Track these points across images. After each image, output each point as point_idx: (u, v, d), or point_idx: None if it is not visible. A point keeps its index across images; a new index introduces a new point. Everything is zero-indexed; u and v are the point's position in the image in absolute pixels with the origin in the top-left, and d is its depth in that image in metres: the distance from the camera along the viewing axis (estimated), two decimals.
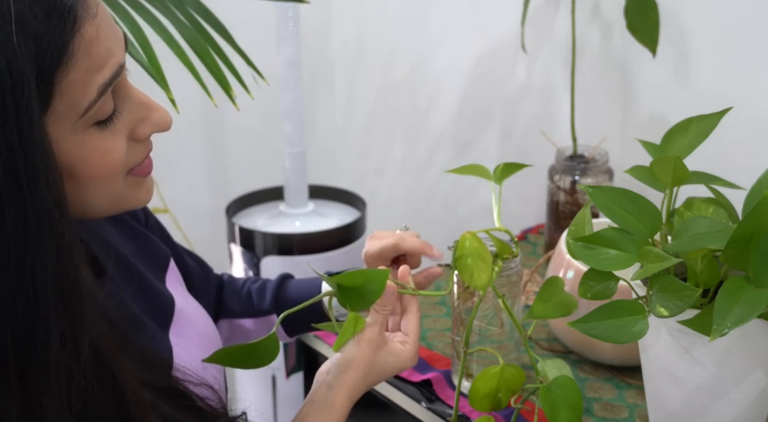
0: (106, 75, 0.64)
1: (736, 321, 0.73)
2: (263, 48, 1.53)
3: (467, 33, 1.73)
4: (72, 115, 0.63)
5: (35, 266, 0.59)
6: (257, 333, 1.06)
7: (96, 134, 0.65)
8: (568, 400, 0.91)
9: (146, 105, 0.70)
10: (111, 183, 0.68)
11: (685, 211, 0.91)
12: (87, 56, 0.62)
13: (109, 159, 0.66)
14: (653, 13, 1.27)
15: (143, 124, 0.70)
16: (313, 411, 0.84)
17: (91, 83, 0.63)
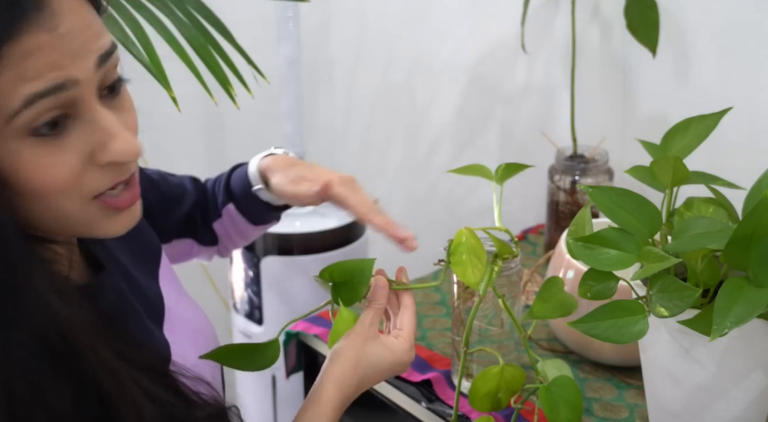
0: (38, 87, 0.61)
1: (736, 321, 0.73)
2: (263, 47, 1.53)
3: (467, 33, 1.73)
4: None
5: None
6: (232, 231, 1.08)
7: (33, 146, 0.63)
8: (568, 400, 0.91)
9: (108, 131, 0.66)
10: (63, 203, 0.65)
11: (685, 211, 0.91)
12: (18, 66, 0.60)
13: (50, 175, 0.63)
14: (653, 13, 1.27)
15: (101, 150, 0.66)
16: (305, 406, 0.84)
17: (17, 92, 0.60)
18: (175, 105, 1.20)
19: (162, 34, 1.21)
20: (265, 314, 1.68)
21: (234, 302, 1.77)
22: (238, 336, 1.76)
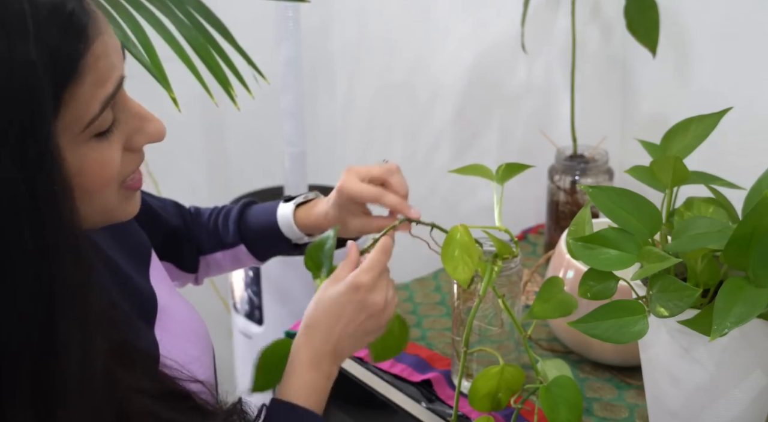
0: (109, 89, 0.65)
1: (736, 321, 0.74)
2: (263, 48, 1.53)
3: (467, 33, 1.73)
4: (75, 128, 0.63)
5: (54, 280, 0.59)
6: (231, 262, 1.11)
7: (95, 146, 0.66)
8: (568, 400, 0.91)
9: (142, 116, 0.70)
10: (105, 195, 0.69)
11: (685, 211, 0.91)
12: (94, 72, 0.63)
13: (107, 170, 0.67)
14: (653, 13, 1.27)
15: (138, 134, 0.70)
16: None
17: (96, 97, 0.64)
18: (176, 105, 1.20)
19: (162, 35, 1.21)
20: (265, 314, 1.68)
21: (234, 302, 1.77)
22: (238, 336, 1.76)
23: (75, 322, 0.61)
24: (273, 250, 1.10)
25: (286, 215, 1.05)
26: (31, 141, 0.58)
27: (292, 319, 1.39)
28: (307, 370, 0.86)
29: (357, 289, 0.88)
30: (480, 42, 1.70)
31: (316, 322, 0.88)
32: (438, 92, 1.83)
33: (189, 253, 1.09)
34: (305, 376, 0.86)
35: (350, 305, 0.88)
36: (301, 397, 0.85)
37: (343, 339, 0.88)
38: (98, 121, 0.65)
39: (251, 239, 1.09)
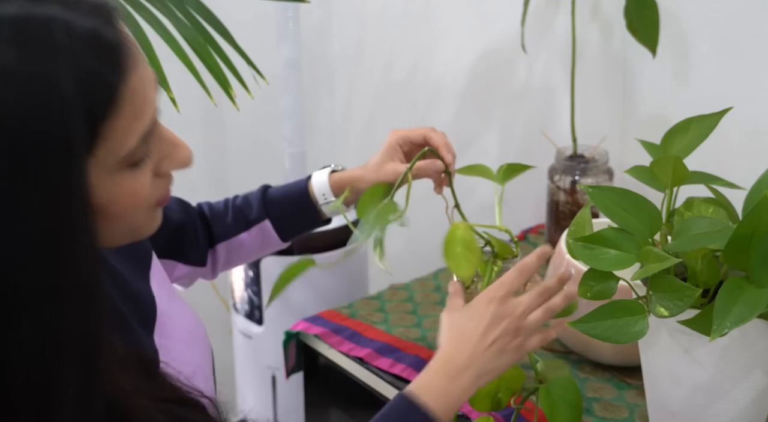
0: (146, 122, 0.65)
1: (736, 321, 0.74)
2: (263, 48, 1.53)
3: (467, 33, 1.73)
4: (110, 160, 0.63)
5: (63, 317, 0.59)
6: (253, 243, 1.12)
7: (128, 175, 0.66)
8: (567, 400, 0.91)
9: (172, 143, 0.71)
10: (133, 218, 0.69)
11: (685, 211, 0.91)
12: (131, 105, 0.63)
13: (138, 197, 0.67)
14: (653, 13, 1.27)
15: (167, 160, 0.70)
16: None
17: (133, 131, 0.63)
18: (174, 106, 1.20)
19: (161, 35, 1.21)
20: (265, 314, 1.68)
21: (234, 302, 1.77)
22: (238, 336, 1.76)
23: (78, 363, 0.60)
24: (297, 220, 1.12)
25: (320, 177, 1.10)
26: (61, 181, 0.58)
27: (292, 319, 1.39)
28: (442, 377, 0.85)
29: (489, 302, 0.87)
30: (480, 42, 1.70)
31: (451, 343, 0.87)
32: (438, 92, 1.83)
33: (196, 247, 1.10)
34: (440, 382, 0.85)
35: (484, 320, 0.86)
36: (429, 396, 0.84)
37: (482, 352, 0.86)
38: (135, 155, 0.65)
39: (276, 213, 1.11)
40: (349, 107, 2.10)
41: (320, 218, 1.12)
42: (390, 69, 1.94)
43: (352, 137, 2.12)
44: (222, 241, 1.11)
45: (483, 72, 1.72)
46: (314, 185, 1.10)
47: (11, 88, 0.56)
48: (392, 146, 1.07)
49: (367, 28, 1.98)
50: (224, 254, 1.13)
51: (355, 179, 1.08)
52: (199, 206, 1.13)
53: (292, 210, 1.11)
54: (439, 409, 0.83)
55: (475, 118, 1.78)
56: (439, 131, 1.05)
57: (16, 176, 0.56)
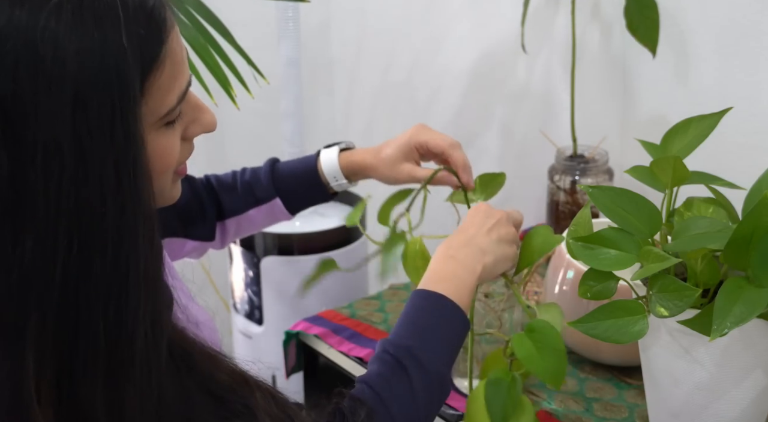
0: (183, 83, 0.68)
1: (735, 321, 0.74)
2: (263, 48, 1.53)
3: (467, 33, 1.73)
4: (151, 118, 0.66)
5: (129, 259, 0.62)
6: (263, 218, 1.14)
7: (163, 134, 0.68)
8: (545, 344, 0.85)
9: (199, 107, 0.74)
10: (162, 180, 0.71)
11: (685, 211, 0.91)
12: (171, 63, 0.66)
13: (170, 157, 0.70)
14: (653, 13, 1.27)
15: (194, 124, 0.74)
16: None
17: (173, 90, 0.67)
18: None
19: None
20: (265, 314, 1.68)
21: (234, 302, 1.77)
22: (238, 336, 1.76)
23: (146, 301, 0.63)
24: (307, 198, 1.13)
25: (330, 159, 1.10)
26: (120, 122, 0.61)
27: (292, 319, 1.39)
28: (440, 261, 0.90)
29: (477, 207, 0.95)
30: (480, 42, 1.70)
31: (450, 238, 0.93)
32: (438, 92, 1.83)
33: (203, 222, 1.11)
34: (438, 266, 0.89)
35: (478, 215, 0.94)
36: (430, 284, 0.87)
37: (481, 235, 0.92)
38: (173, 112, 0.68)
39: (285, 190, 1.12)
40: (349, 106, 2.10)
41: (329, 193, 1.13)
42: (390, 69, 1.94)
43: (352, 136, 2.12)
44: (232, 216, 1.13)
45: (483, 72, 1.72)
46: (324, 165, 1.10)
47: (71, 40, 0.59)
48: (409, 147, 1.07)
49: (367, 28, 1.98)
50: (234, 229, 1.14)
51: (367, 167, 1.09)
52: (206, 178, 1.14)
53: (302, 188, 1.12)
54: (449, 290, 0.87)
55: (475, 118, 1.78)
56: (459, 149, 1.05)
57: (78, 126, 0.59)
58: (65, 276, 0.60)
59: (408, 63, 1.89)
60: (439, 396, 0.83)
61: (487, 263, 0.90)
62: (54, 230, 0.59)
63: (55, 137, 0.58)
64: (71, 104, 0.59)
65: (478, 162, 1.24)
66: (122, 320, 0.62)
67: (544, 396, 1.07)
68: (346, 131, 2.13)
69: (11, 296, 0.60)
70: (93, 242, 0.60)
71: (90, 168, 0.60)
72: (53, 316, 0.60)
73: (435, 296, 0.86)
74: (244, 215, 1.13)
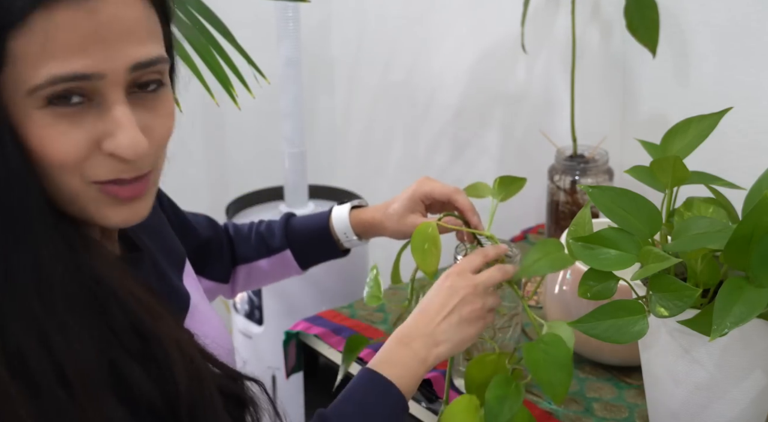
0: (63, 69, 0.63)
1: (735, 321, 0.74)
2: (263, 47, 1.53)
3: (467, 33, 1.73)
4: (19, 88, 0.63)
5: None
6: (273, 271, 1.15)
7: (47, 116, 0.64)
8: (554, 357, 0.86)
9: (117, 123, 0.66)
10: (65, 179, 0.67)
11: (685, 211, 0.91)
12: (45, 37, 0.61)
13: (55, 147, 0.65)
14: (653, 13, 1.27)
15: (108, 139, 0.66)
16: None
17: (43, 66, 0.62)
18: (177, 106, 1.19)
19: None
20: (265, 314, 1.68)
21: (234, 302, 1.77)
22: (238, 336, 1.76)
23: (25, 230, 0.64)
24: (318, 253, 1.14)
25: (342, 216, 1.11)
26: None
27: (292, 319, 1.39)
28: (394, 346, 0.89)
29: (446, 277, 0.93)
30: (480, 42, 1.70)
31: (412, 318, 0.92)
32: (438, 92, 1.83)
33: (220, 264, 1.13)
34: (391, 349, 0.88)
35: (441, 293, 0.92)
36: (381, 367, 0.87)
37: (437, 323, 0.90)
38: (43, 92, 0.63)
39: (297, 243, 1.13)
40: (348, 106, 2.11)
41: (340, 249, 1.14)
42: (390, 69, 1.94)
43: (352, 137, 2.13)
44: (243, 263, 1.15)
45: (483, 72, 1.72)
46: (335, 221, 1.12)
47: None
48: (414, 200, 1.07)
49: (367, 28, 1.98)
50: (243, 277, 1.15)
51: (376, 224, 1.10)
52: (225, 225, 1.16)
53: (314, 243, 1.13)
54: (395, 376, 0.86)
55: (475, 118, 1.78)
56: (463, 194, 1.05)
57: None
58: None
59: (408, 63, 1.89)
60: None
61: (440, 353, 0.89)
62: None
63: None
64: None
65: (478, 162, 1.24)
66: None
67: (544, 396, 1.07)
68: (345, 130, 2.13)
69: None
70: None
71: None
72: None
73: (382, 381, 0.86)
74: (254, 263, 1.14)
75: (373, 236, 1.12)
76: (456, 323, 0.90)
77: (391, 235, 1.10)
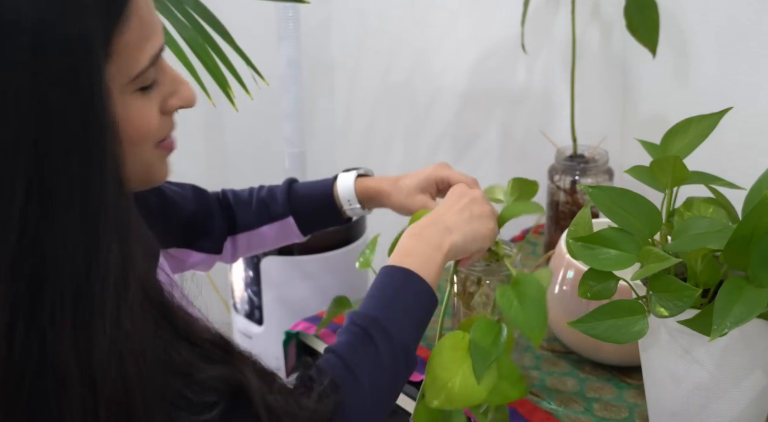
0: (155, 45, 0.68)
1: (735, 321, 0.73)
2: (263, 48, 1.53)
3: (467, 33, 1.73)
4: (123, 78, 0.66)
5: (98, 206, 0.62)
6: (274, 237, 1.14)
7: (137, 99, 0.68)
8: (527, 296, 0.86)
9: (177, 80, 0.74)
10: (143, 150, 0.71)
11: (685, 211, 0.91)
12: (139, 22, 0.65)
13: (146, 124, 0.69)
14: (653, 13, 1.27)
15: (173, 97, 0.73)
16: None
17: (143, 50, 0.66)
18: None
19: None
20: (265, 314, 1.68)
21: (234, 302, 1.77)
22: (238, 336, 1.76)
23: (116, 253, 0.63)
24: (320, 220, 1.14)
25: (346, 182, 1.11)
26: (84, 73, 0.60)
27: (292, 319, 1.39)
28: (408, 238, 0.90)
29: (452, 191, 0.97)
30: (480, 42, 1.70)
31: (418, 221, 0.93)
32: (438, 92, 1.83)
33: (209, 236, 1.11)
34: (406, 242, 0.89)
35: (451, 197, 0.95)
36: (398, 260, 0.87)
37: (448, 215, 0.92)
38: (145, 75, 0.67)
39: (300, 209, 1.12)
40: (349, 106, 2.11)
41: (342, 218, 1.13)
42: (390, 69, 1.94)
43: (352, 137, 2.12)
44: (244, 231, 1.14)
45: (483, 72, 1.72)
46: (339, 189, 1.11)
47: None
48: (429, 181, 1.08)
49: (367, 29, 1.98)
50: (245, 244, 1.14)
51: (382, 194, 1.10)
52: (223, 193, 1.15)
53: (316, 210, 1.12)
54: (415, 265, 0.87)
55: (475, 118, 1.78)
56: (478, 187, 1.05)
57: (38, 73, 0.59)
58: (23, 224, 0.59)
59: (408, 63, 1.89)
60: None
61: (454, 241, 0.90)
62: (12, 176, 0.59)
63: (12, 84, 0.58)
64: (29, 51, 0.58)
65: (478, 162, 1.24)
66: (90, 266, 0.61)
67: (544, 396, 1.07)
68: (346, 131, 2.13)
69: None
70: (57, 190, 0.60)
71: (53, 117, 0.59)
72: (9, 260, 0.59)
73: (401, 270, 0.86)
74: (256, 231, 1.13)
75: (376, 206, 1.11)
76: (467, 217, 0.93)
77: (395, 208, 1.09)
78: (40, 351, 0.60)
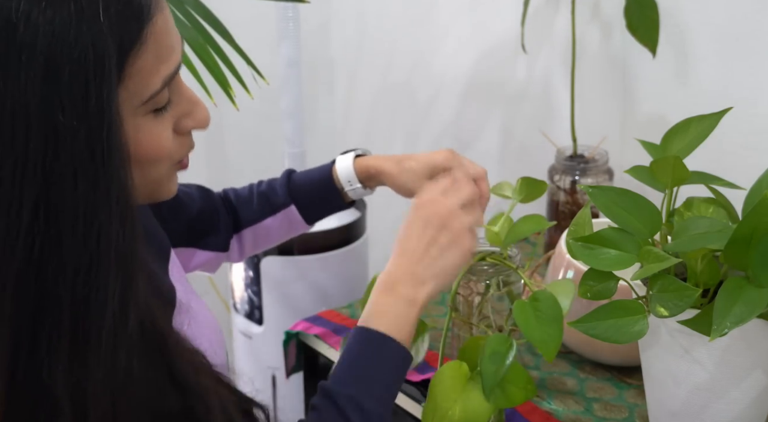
0: (170, 67, 0.67)
1: (735, 321, 0.74)
2: (263, 48, 1.53)
3: (467, 33, 1.73)
4: (135, 100, 0.66)
5: (101, 237, 0.61)
6: (279, 228, 1.13)
7: (150, 120, 0.68)
8: (545, 314, 0.85)
9: (192, 101, 0.74)
10: (155, 170, 0.72)
11: (685, 211, 0.91)
12: (156, 45, 0.65)
13: (158, 146, 0.69)
14: (653, 13, 1.27)
15: (187, 118, 0.73)
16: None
17: (157, 73, 0.66)
18: None
19: None
20: (265, 314, 1.68)
21: (234, 302, 1.77)
22: (238, 336, 1.76)
23: (117, 280, 0.62)
24: (322, 205, 1.12)
25: (345, 163, 1.08)
26: (94, 97, 0.60)
27: (292, 319, 1.39)
28: (380, 295, 0.86)
29: (416, 208, 0.89)
30: (480, 42, 1.70)
31: (392, 260, 0.88)
32: (438, 92, 1.83)
33: (215, 233, 1.11)
34: (378, 300, 0.85)
35: (415, 227, 0.88)
36: (371, 321, 0.84)
37: (418, 259, 0.86)
38: (157, 97, 0.67)
39: (300, 196, 1.11)
40: (349, 106, 2.10)
41: (345, 201, 1.11)
42: (390, 69, 1.94)
43: (352, 137, 2.12)
44: (248, 226, 1.13)
45: (483, 72, 1.72)
46: (339, 170, 1.09)
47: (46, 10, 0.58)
48: (438, 170, 1.03)
49: (367, 28, 1.98)
50: (251, 239, 1.14)
51: (384, 173, 1.06)
52: (224, 192, 1.14)
53: (318, 195, 1.11)
54: (388, 326, 0.83)
55: (475, 118, 1.78)
56: (487, 181, 1.02)
57: (50, 96, 0.59)
58: (28, 248, 0.59)
59: (408, 63, 1.89)
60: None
61: (428, 292, 0.86)
62: (19, 199, 0.59)
63: (23, 107, 0.58)
64: (42, 74, 0.58)
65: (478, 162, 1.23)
66: (90, 297, 0.61)
67: (544, 396, 1.07)
68: (346, 131, 2.13)
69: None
70: (62, 216, 0.60)
71: (61, 141, 0.59)
72: (11, 288, 0.59)
73: (375, 335, 0.83)
74: (259, 224, 1.12)
75: (377, 185, 1.09)
76: (437, 255, 0.87)
77: (398, 188, 1.06)
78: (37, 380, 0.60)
